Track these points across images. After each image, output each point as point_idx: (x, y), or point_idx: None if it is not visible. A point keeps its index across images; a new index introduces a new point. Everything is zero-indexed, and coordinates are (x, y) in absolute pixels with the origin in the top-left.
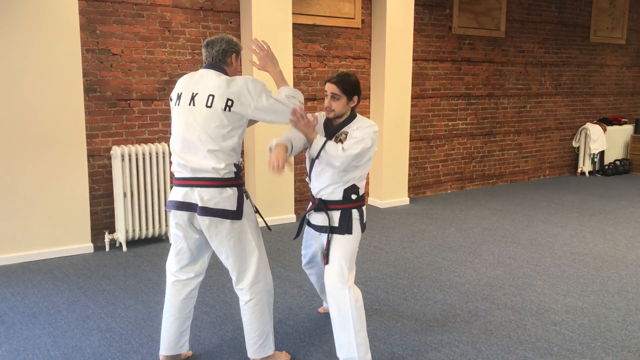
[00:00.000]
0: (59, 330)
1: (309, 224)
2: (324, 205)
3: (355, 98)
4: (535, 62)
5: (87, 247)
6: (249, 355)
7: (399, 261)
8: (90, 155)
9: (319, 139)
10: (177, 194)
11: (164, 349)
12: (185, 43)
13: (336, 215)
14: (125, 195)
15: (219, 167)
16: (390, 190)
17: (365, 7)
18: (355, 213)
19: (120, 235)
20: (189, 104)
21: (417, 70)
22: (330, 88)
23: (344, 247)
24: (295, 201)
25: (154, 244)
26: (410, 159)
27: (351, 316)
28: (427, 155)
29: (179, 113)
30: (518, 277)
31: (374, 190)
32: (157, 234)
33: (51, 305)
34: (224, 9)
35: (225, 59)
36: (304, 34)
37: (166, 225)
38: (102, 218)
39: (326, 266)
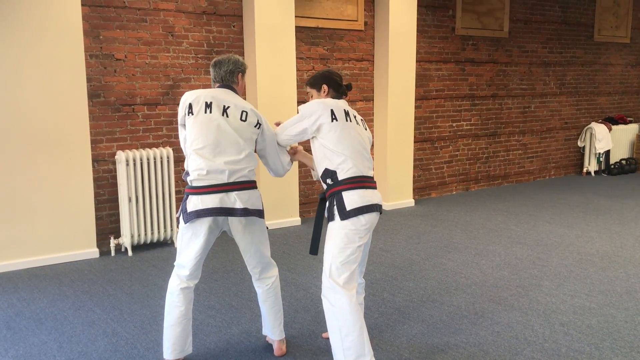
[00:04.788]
0: (65, 335)
1: None
2: (322, 195)
3: (325, 87)
4: (539, 62)
5: (93, 252)
6: (277, 337)
7: (404, 263)
8: (95, 161)
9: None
10: (210, 201)
11: (176, 353)
12: (188, 47)
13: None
14: (130, 200)
15: (252, 169)
16: (395, 192)
17: (368, 9)
18: (334, 200)
19: (125, 240)
20: (222, 114)
21: (421, 72)
22: (308, 89)
23: (327, 238)
24: (300, 204)
25: (159, 248)
26: (414, 160)
27: (335, 319)
28: (431, 157)
29: (211, 120)
30: (525, 277)
31: (378, 191)
32: (162, 238)
33: (57, 311)
34: (227, 13)
35: (232, 78)
36: (307, 36)
37: (171, 230)
38: (107, 223)
39: (324, 264)
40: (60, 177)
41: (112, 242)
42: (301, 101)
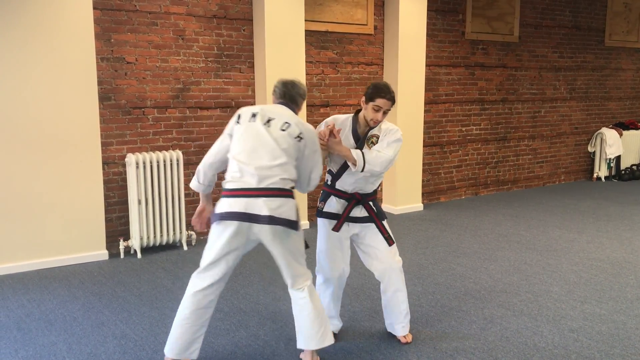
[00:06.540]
0: (75, 337)
1: (347, 220)
2: (365, 199)
3: None
4: (550, 67)
5: (102, 254)
6: (313, 346)
7: (413, 268)
8: (105, 163)
9: (356, 152)
10: (236, 204)
11: (174, 353)
12: (198, 51)
13: (369, 205)
14: (139, 202)
15: (286, 178)
16: (404, 196)
17: (377, 13)
18: (377, 203)
19: (134, 242)
20: (264, 124)
21: (430, 76)
22: (385, 105)
23: (387, 228)
24: (307, 207)
25: (168, 250)
26: (423, 164)
27: (404, 286)
28: (440, 161)
29: (252, 128)
30: (534, 283)
31: (387, 196)
32: (171, 240)
33: (67, 312)
34: (237, 16)
35: (297, 101)
36: (317, 40)
37: (180, 233)
38: (116, 225)
39: (391, 248)
40: (70, 179)
41: (122, 245)
42: (311, 105)
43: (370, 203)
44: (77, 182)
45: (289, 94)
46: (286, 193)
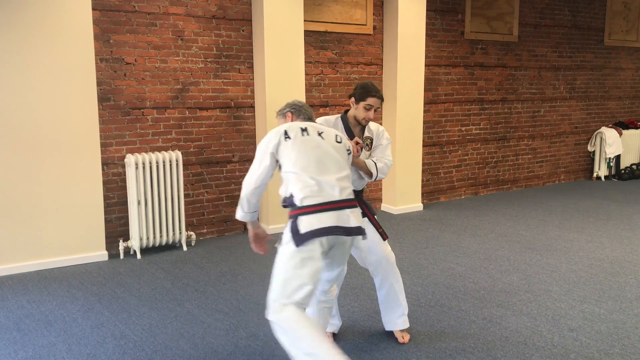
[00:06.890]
0: (74, 337)
1: None
2: (359, 196)
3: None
4: (549, 66)
5: (102, 254)
6: None
7: (412, 267)
8: (105, 164)
9: (370, 163)
10: (327, 219)
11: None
12: (198, 51)
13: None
14: (139, 203)
15: (353, 189)
16: (403, 196)
17: (376, 13)
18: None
19: (134, 243)
20: (318, 135)
21: (430, 76)
22: (376, 103)
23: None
24: None
25: (167, 251)
26: (423, 164)
27: (399, 278)
28: (440, 161)
29: (310, 140)
30: (533, 283)
31: (387, 196)
32: (170, 241)
33: (66, 313)
34: (236, 17)
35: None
36: (316, 40)
37: (180, 233)
38: (116, 226)
39: (384, 242)
40: (70, 180)
41: (121, 245)
42: (310, 105)
43: (362, 199)
44: (76, 182)
45: (312, 116)
46: (356, 202)
